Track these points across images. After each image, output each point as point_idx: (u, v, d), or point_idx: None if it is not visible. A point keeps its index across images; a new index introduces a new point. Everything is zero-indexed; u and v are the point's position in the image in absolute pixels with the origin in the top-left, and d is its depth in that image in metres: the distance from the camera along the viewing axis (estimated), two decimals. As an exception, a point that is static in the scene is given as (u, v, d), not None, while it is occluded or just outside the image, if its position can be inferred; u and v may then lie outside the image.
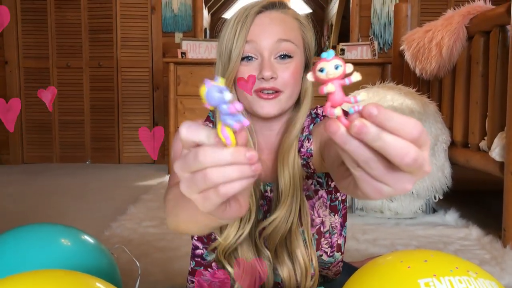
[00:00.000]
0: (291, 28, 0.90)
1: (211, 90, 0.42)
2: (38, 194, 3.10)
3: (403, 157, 0.40)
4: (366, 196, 0.47)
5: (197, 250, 1.01)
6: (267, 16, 0.90)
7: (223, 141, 0.43)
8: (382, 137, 0.40)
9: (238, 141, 0.44)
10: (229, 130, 0.43)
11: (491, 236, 2.00)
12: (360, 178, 0.45)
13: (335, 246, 0.99)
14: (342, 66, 0.42)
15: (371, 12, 4.50)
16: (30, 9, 4.51)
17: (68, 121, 4.60)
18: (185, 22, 4.54)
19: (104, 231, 2.12)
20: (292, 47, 0.89)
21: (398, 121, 0.40)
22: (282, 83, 0.88)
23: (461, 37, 2.31)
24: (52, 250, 1.12)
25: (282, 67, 0.88)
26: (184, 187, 0.46)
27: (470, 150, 2.26)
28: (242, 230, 0.89)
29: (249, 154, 0.43)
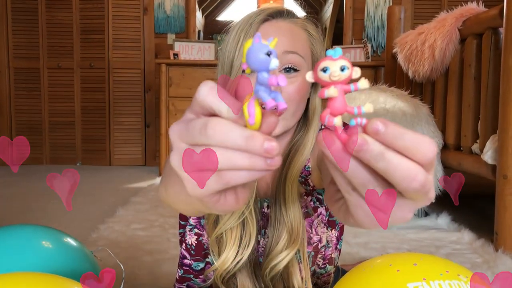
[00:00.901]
0: (299, 40, 0.83)
1: (258, 48, 0.34)
2: (26, 196, 3.06)
3: (410, 182, 0.34)
4: (360, 225, 0.41)
5: (185, 260, 0.97)
6: (273, 25, 0.82)
7: (246, 118, 0.35)
8: (386, 157, 0.34)
9: (264, 125, 0.36)
10: (258, 107, 0.35)
11: (483, 240, 1.99)
12: (353, 203, 0.39)
13: (328, 259, 0.96)
14: (349, 69, 0.35)
15: (364, 15, 4.49)
16: (20, 9, 4.47)
17: (59, 122, 4.56)
18: (178, 23, 4.52)
19: (91, 233, 2.08)
20: (299, 59, 0.81)
21: (411, 139, 0.34)
22: (286, 98, 0.80)
23: (454, 39, 2.31)
24: (32, 252, 1.08)
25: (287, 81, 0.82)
26: (176, 160, 0.37)
27: (463, 153, 2.24)
28: (241, 255, 0.83)
29: (268, 144, 0.34)
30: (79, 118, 4.57)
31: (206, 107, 0.37)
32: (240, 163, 0.35)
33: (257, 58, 0.34)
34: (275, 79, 0.34)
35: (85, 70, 4.52)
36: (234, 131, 0.35)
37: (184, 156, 0.36)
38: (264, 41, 0.35)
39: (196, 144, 0.36)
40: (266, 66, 0.34)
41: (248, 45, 0.35)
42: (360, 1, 4.51)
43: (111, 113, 4.54)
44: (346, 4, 4.57)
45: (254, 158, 0.35)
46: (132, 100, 4.55)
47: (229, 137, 0.35)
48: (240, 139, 0.35)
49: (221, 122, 0.35)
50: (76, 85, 4.54)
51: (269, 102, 0.35)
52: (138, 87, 4.54)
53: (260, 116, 0.36)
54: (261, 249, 0.90)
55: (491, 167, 1.92)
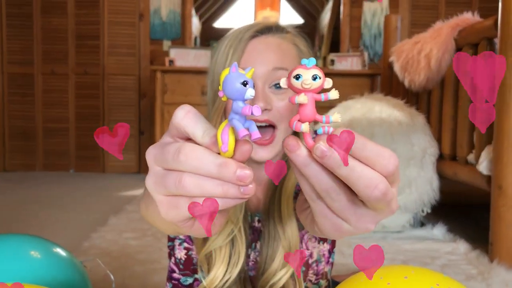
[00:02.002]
0: (288, 55, 0.83)
1: (234, 77, 0.35)
2: (18, 203, 3.03)
3: (372, 190, 0.35)
4: (323, 233, 0.41)
5: (173, 274, 0.95)
6: (262, 41, 0.82)
7: (219, 145, 0.35)
8: (349, 164, 0.35)
9: (237, 153, 0.36)
10: (231, 135, 0.36)
11: (479, 250, 1.97)
12: (318, 212, 0.39)
13: (321, 274, 0.94)
14: (321, 79, 0.36)
15: (361, 23, 4.50)
16: (15, 14, 4.45)
17: (52, 128, 4.53)
18: (174, 30, 4.51)
19: (83, 242, 2.06)
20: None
21: (373, 150, 0.35)
22: (277, 116, 0.80)
23: (450, 49, 2.30)
24: (19, 263, 1.06)
25: (277, 98, 0.80)
26: (151, 182, 0.38)
27: (458, 163, 2.23)
28: (229, 274, 0.82)
29: (241, 172, 0.35)
30: (73, 124, 4.54)
31: (182, 131, 0.37)
32: (212, 191, 0.35)
33: (233, 87, 0.35)
34: (249, 109, 0.34)
35: (79, 76, 4.49)
36: (206, 158, 0.35)
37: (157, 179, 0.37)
38: (241, 71, 0.35)
39: (170, 169, 0.37)
40: (241, 96, 0.35)
41: (225, 74, 0.35)
42: (357, 9, 4.52)
43: (105, 119, 4.52)
44: (343, 12, 4.58)
45: (227, 185, 0.35)
46: (127, 107, 4.52)
47: (202, 164, 0.35)
48: (213, 166, 0.35)
49: (194, 149, 0.35)
50: (70, 91, 4.52)
51: (241, 132, 0.35)
52: (133, 93, 4.52)
53: (234, 144, 0.36)
54: (251, 262, 0.89)
55: (486, 177, 1.92)
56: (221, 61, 0.82)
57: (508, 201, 1.78)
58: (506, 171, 1.78)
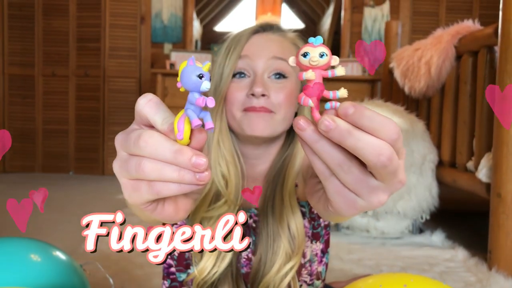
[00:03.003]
0: (288, 50, 0.85)
1: (190, 70, 0.37)
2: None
3: (378, 156, 0.36)
4: (338, 212, 0.42)
5: (171, 268, 0.96)
6: (263, 36, 0.86)
7: (175, 133, 0.37)
8: (354, 134, 0.36)
9: (193, 141, 0.38)
10: (187, 123, 0.37)
11: (477, 258, 1.97)
12: (332, 189, 0.40)
13: (315, 274, 0.94)
14: (328, 56, 0.38)
15: (362, 29, 4.52)
16: (17, 15, 4.46)
17: (52, 130, 4.53)
18: (175, 33, 4.52)
19: (82, 245, 2.06)
20: (287, 67, 0.83)
21: (376, 120, 0.37)
22: (274, 104, 0.81)
23: (450, 56, 2.31)
24: (20, 266, 1.07)
25: (276, 87, 0.82)
26: (117, 166, 0.41)
27: (457, 170, 2.24)
28: (217, 267, 0.83)
29: (196, 159, 0.37)
30: (73, 126, 4.54)
31: (143, 118, 0.40)
32: (169, 176, 0.38)
33: (189, 79, 0.36)
34: (203, 100, 0.36)
35: (80, 78, 4.50)
36: (163, 145, 0.37)
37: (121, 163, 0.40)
38: (198, 64, 0.37)
39: (132, 154, 0.39)
40: (197, 88, 0.37)
41: (183, 66, 0.37)
42: (358, 14, 4.53)
43: (105, 122, 4.52)
44: (344, 17, 4.60)
45: (183, 171, 0.37)
46: (127, 109, 4.53)
47: (159, 150, 0.37)
48: (169, 152, 0.37)
49: (153, 135, 0.38)
50: (70, 93, 4.52)
51: (195, 121, 0.37)
52: (133, 96, 4.53)
53: (189, 132, 0.38)
54: (243, 259, 0.89)
55: (485, 185, 1.92)
56: (223, 54, 0.85)
57: (507, 209, 1.79)
58: (505, 178, 1.79)
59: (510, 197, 1.78)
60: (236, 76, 0.84)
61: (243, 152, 0.90)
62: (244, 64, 0.84)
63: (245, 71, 0.84)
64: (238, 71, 0.84)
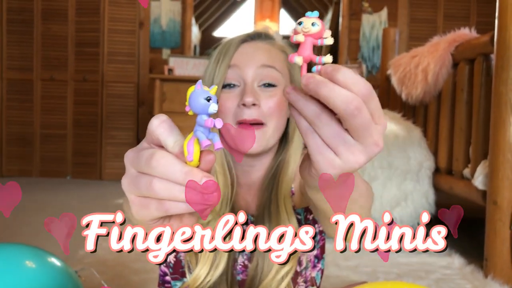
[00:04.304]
0: (276, 58, 0.87)
1: (198, 93, 0.39)
2: (13, 209, 3.01)
3: (348, 105, 0.40)
4: (319, 170, 0.44)
5: (166, 277, 0.96)
6: (251, 45, 0.87)
7: (185, 155, 0.39)
8: (328, 85, 0.40)
9: (202, 163, 0.40)
10: (196, 146, 0.39)
11: (473, 265, 1.97)
12: (313, 147, 0.43)
13: (309, 280, 0.95)
14: (319, 26, 0.43)
15: (360, 36, 4.53)
16: (16, 20, 4.47)
17: (50, 134, 4.53)
18: (173, 39, 4.53)
19: (78, 250, 2.05)
20: (277, 74, 0.84)
21: (349, 76, 0.40)
22: (266, 113, 0.82)
23: (447, 64, 2.32)
24: (14, 273, 1.06)
25: (265, 95, 0.83)
26: (126, 183, 0.42)
27: (454, 177, 2.24)
28: (210, 276, 0.83)
29: (205, 181, 0.38)
30: (71, 131, 4.54)
31: (155, 138, 0.41)
32: (179, 196, 0.39)
33: (197, 103, 0.39)
34: (211, 121, 0.39)
35: (78, 83, 4.50)
36: (174, 166, 0.39)
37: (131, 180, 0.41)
38: (205, 88, 0.39)
39: (142, 172, 0.40)
40: (205, 110, 0.39)
41: (191, 90, 0.39)
42: (356, 21, 4.55)
43: (103, 126, 4.52)
44: (342, 24, 4.62)
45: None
46: (125, 114, 4.53)
47: (170, 170, 0.39)
48: (179, 173, 0.38)
49: (165, 156, 0.39)
50: (69, 98, 4.52)
51: (204, 142, 0.39)
52: (131, 101, 4.53)
53: (198, 154, 0.39)
54: (239, 266, 0.89)
55: (482, 192, 1.92)
56: (213, 64, 0.86)
57: (503, 216, 1.79)
58: (501, 186, 1.79)
59: (506, 204, 1.78)
60: (226, 87, 0.85)
61: (235, 161, 0.90)
62: (234, 74, 0.84)
63: (235, 81, 0.84)
64: (228, 83, 0.85)
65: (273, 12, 5.08)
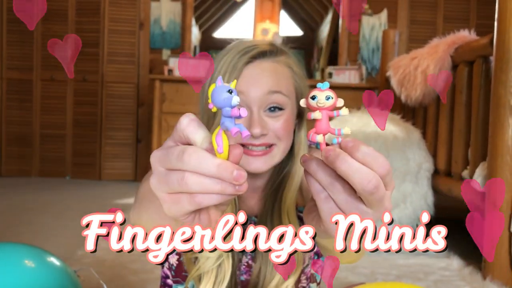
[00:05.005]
0: (283, 78, 0.85)
1: (220, 89, 0.41)
2: (12, 209, 3.02)
3: (366, 184, 0.42)
4: (328, 232, 0.46)
5: (167, 280, 0.96)
6: (257, 66, 0.84)
7: (214, 148, 0.40)
8: (348, 160, 0.42)
9: (231, 154, 0.41)
10: (225, 138, 0.41)
11: (472, 267, 1.98)
12: (325, 210, 0.45)
13: (310, 277, 0.96)
14: (333, 99, 0.45)
15: (360, 37, 4.54)
16: (16, 20, 4.43)
17: (50, 134, 4.53)
18: (173, 39, 4.54)
19: (77, 250, 2.05)
20: (283, 98, 0.83)
21: (370, 154, 0.42)
22: (273, 138, 0.83)
23: (446, 66, 2.33)
24: (13, 273, 1.07)
25: (272, 120, 0.83)
26: (155, 181, 0.43)
27: (453, 179, 2.24)
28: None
29: (237, 173, 0.40)
30: (70, 131, 4.54)
31: (184, 136, 0.42)
32: (212, 188, 0.40)
33: (220, 98, 0.41)
34: (237, 110, 0.41)
35: (78, 83, 4.50)
36: (207, 159, 0.40)
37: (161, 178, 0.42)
38: (225, 83, 0.41)
39: (173, 169, 0.41)
40: (229, 103, 0.41)
41: (213, 88, 0.41)
42: (355, 23, 4.55)
43: (103, 127, 4.52)
44: (342, 25, 4.63)
45: (225, 184, 0.40)
46: (125, 115, 4.53)
47: (203, 164, 0.40)
48: (212, 166, 0.40)
49: (197, 151, 0.40)
50: (68, 98, 4.52)
51: (233, 129, 0.41)
52: (131, 101, 4.53)
53: (227, 146, 0.41)
54: (243, 266, 0.90)
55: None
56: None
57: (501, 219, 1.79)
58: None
59: (505, 206, 1.79)
60: None
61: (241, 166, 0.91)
62: (240, 100, 0.84)
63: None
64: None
65: (273, 13, 5.09)
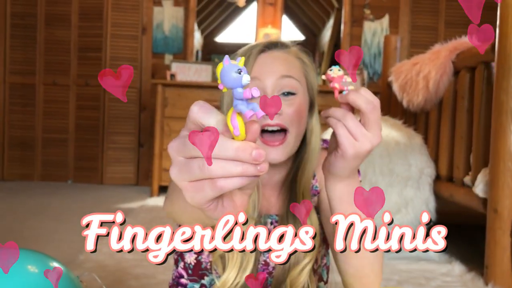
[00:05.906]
0: (294, 66, 0.91)
1: (228, 68, 0.39)
2: (14, 213, 3.02)
3: (368, 104, 0.65)
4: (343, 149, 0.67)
5: (181, 279, 0.97)
6: (269, 55, 0.90)
7: (231, 130, 0.40)
8: (356, 93, 0.65)
9: (248, 134, 0.41)
10: (239, 119, 0.40)
11: (474, 273, 1.97)
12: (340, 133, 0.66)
13: (318, 276, 0.98)
14: (341, 71, 0.68)
15: (361, 42, 4.55)
16: (19, 25, 4.49)
17: (52, 139, 4.53)
18: (176, 44, 4.55)
19: (78, 255, 2.05)
20: (295, 83, 0.88)
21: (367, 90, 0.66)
22: (287, 120, 0.86)
23: (448, 71, 2.33)
24: (16, 278, 1.07)
25: (286, 104, 0.87)
26: (175, 171, 0.42)
27: (455, 184, 2.24)
28: (239, 278, 0.85)
29: (256, 152, 0.39)
30: (73, 135, 4.54)
31: (198, 123, 0.42)
32: (233, 171, 0.40)
33: (230, 77, 0.39)
34: (249, 91, 0.39)
35: (80, 87, 4.51)
36: (224, 143, 0.39)
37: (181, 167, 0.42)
38: (233, 62, 0.39)
39: (192, 157, 0.41)
40: (239, 83, 0.39)
41: (220, 67, 0.39)
42: (357, 28, 4.56)
43: (105, 131, 4.53)
44: (343, 30, 4.63)
45: (246, 165, 0.40)
46: (127, 119, 4.54)
47: (221, 148, 0.39)
48: (231, 150, 0.39)
49: None
50: (71, 102, 4.53)
51: (248, 113, 0.39)
52: (133, 106, 4.54)
53: (244, 127, 0.40)
54: (261, 265, 0.92)
55: (482, 200, 1.92)
56: None
57: (503, 225, 1.79)
58: (502, 194, 1.79)
59: (506, 212, 1.79)
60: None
61: None
62: (255, 85, 0.87)
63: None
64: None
65: (275, 18, 5.09)
